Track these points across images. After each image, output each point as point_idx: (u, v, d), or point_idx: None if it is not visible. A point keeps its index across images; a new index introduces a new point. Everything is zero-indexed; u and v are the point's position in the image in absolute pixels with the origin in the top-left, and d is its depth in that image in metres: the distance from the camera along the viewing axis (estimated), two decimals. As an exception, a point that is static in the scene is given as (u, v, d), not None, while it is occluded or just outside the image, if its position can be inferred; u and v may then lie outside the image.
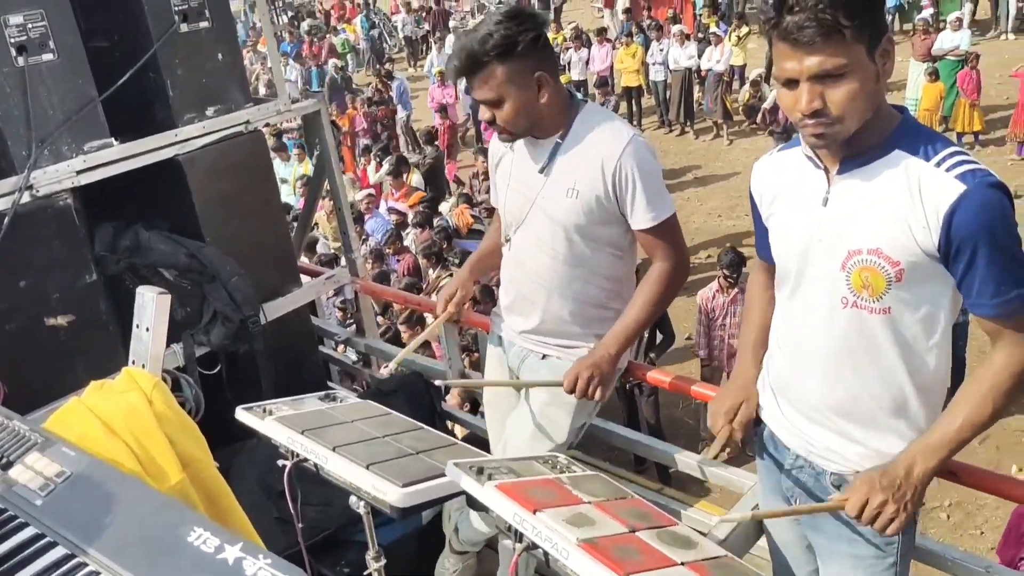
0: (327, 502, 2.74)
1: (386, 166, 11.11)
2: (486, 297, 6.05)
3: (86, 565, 1.31)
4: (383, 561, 2.19)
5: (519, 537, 1.70)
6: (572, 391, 2.35)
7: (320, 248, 8.82)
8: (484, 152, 10.69)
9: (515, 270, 2.54)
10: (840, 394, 1.77)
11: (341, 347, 4.51)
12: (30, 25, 2.64)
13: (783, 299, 1.88)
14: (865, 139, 1.64)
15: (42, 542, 1.36)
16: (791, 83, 1.59)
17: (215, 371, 3.02)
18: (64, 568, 1.31)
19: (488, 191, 3.04)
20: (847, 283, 1.68)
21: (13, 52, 2.61)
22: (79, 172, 2.78)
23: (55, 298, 2.77)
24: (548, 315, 2.48)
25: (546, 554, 1.64)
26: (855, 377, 1.75)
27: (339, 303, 7.40)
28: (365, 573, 2.19)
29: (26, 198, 2.66)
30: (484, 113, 2.32)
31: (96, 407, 1.61)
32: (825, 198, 1.71)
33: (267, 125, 3.31)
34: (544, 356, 2.54)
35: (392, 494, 1.89)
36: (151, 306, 1.73)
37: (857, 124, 1.59)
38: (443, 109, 13.66)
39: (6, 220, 2.61)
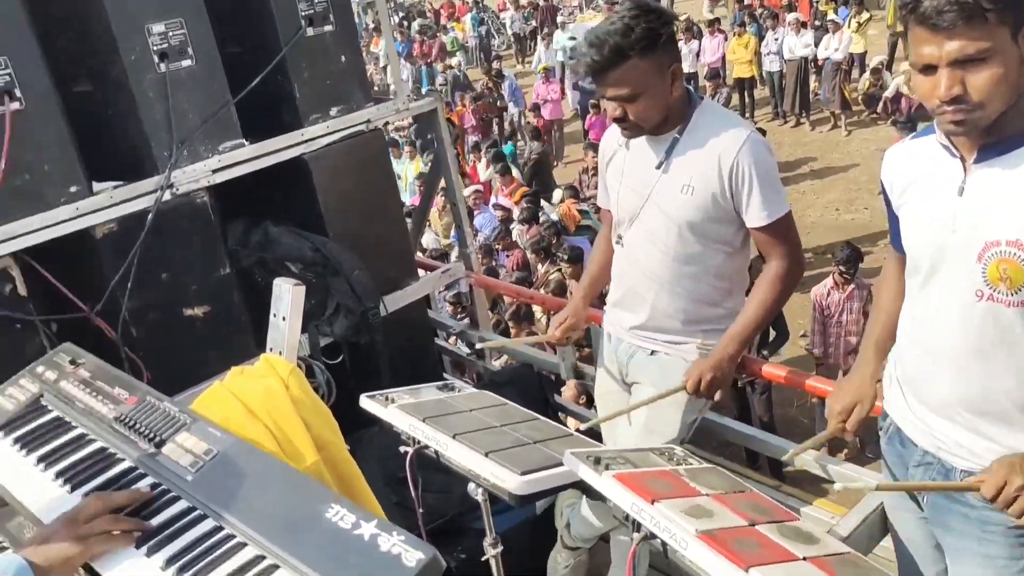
0: (445, 489, 2.81)
1: (495, 163, 11.25)
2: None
3: (233, 537, 1.40)
4: (500, 548, 2.24)
5: (636, 527, 1.72)
6: (695, 392, 2.36)
7: (429, 243, 9.00)
8: (593, 147, 10.70)
9: (626, 266, 2.55)
10: (973, 390, 1.72)
11: (452, 339, 4.61)
12: (171, 33, 2.81)
13: (914, 291, 1.83)
14: (1006, 126, 1.58)
15: (193, 514, 1.46)
16: (929, 69, 1.55)
17: (338, 361, 3.14)
18: (214, 539, 1.41)
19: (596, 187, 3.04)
20: (983, 276, 1.63)
21: (156, 59, 2.78)
22: (214, 171, 2.95)
23: (193, 290, 2.94)
24: (657, 311, 2.48)
25: (664, 545, 1.65)
26: (989, 372, 1.69)
27: (450, 297, 7.55)
28: (482, 559, 2.25)
29: (167, 196, 2.83)
30: (614, 110, 2.31)
31: (237, 391, 1.71)
32: (961, 187, 1.66)
33: (386, 124, 3.41)
34: (652, 352, 2.55)
35: (511, 481, 1.94)
36: (287, 296, 1.82)
37: (999, 110, 1.54)
38: (535, 108, 13.72)
39: (149, 217, 2.80)
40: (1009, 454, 1.66)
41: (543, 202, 10.06)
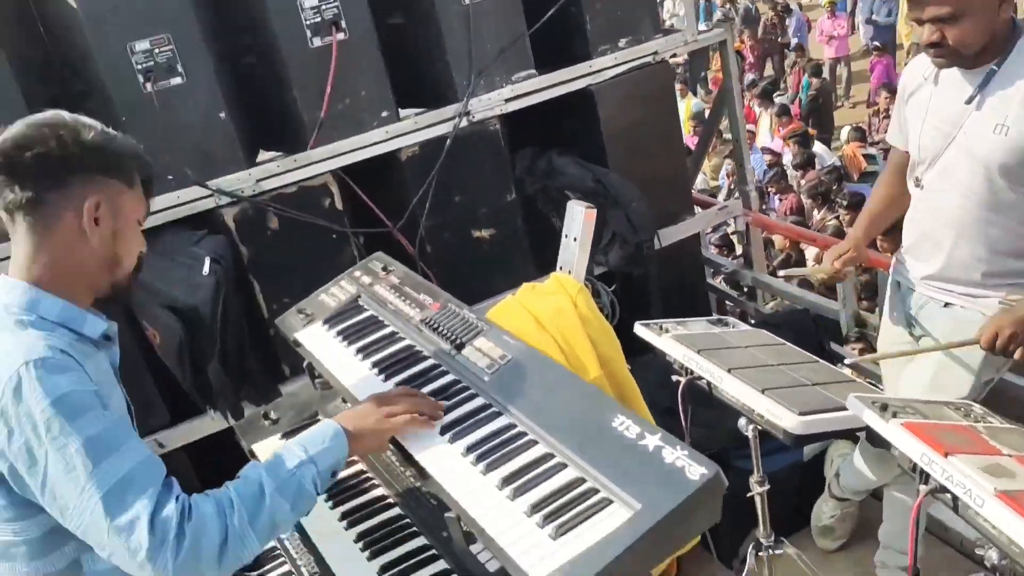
0: (711, 424, 2.82)
1: (762, 100, 10.73)
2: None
3: (525, 434, 1.52)
4: (767, 486, 2.23)
5: (924, 479, 1.63)
6: (990, 348, 2.17)
7: (697, 184, 8.83)
8: (888, 88, 9.87)
9: (922, 210, 2.36)
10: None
11: (718, 280, 4.55)
12: (475, -33, 2.95)
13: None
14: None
15: (489, 411, 1.60)
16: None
17: (610, 290, 3.22)
18: (508, 435, 1.53)
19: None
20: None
21: (462, -9, 2.94)
22: (507, 100, 3.10)
23: (482, 213, 3.13)
24: (954, 260, 2.29)
25: (955, 500, 1.56)
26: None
27: (716, 240, 7.40)
28: (747, 495, 2.25)
29: (464, 123, 3.02)
30: (931, 34, 2.13)
31: (529, 305, 1.83)
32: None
33: (672, 56, 3.38)
34: (946, 304, 2.36)
35: (788, 420, 1.91)
36: (579, 219, 1.90)
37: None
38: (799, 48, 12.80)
39: (448, 142, 3.00)
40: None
41: (820, 146, 9.48)
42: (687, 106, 11.90)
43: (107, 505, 1.36)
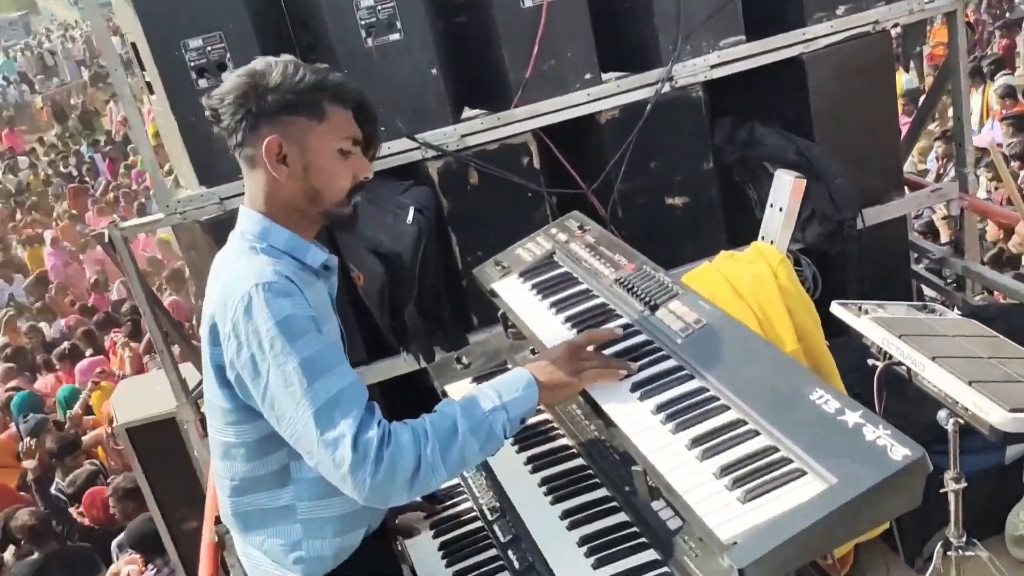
0: (903, 415, 2.69)
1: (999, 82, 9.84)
2: None
3: (717, 399, 1.52)
4: (963, 484, 2.12)
5: None
6: None
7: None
8: None
9: None
10: None
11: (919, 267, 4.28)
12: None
13: None
14: None
15: (680, 373, 1.61)
16: None
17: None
18: (699, 397, 1.54)
19: None
20: None
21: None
22: (712, 67, 3.03)
23: (676, 180, 3.10)
24: None
25: None
26: None
27: (919, 226, 6.94)
28: (940, 491, 2.14)
29: (666, 89, 2.99)
30: None
31: (727, 272, 1.81)
32: None
33: (895, 26, 3.19)
34: None
35: (996, 415, 1.80)
36: (788, 188, 1.86)
37: None
38: None
39: (648, 107, 2.99)
40: None
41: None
42: (898, 82, 11.16)
43: (317, 420, 1.49)
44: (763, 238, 1.91)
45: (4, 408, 7.03)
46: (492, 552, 1.89)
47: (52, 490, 5.59)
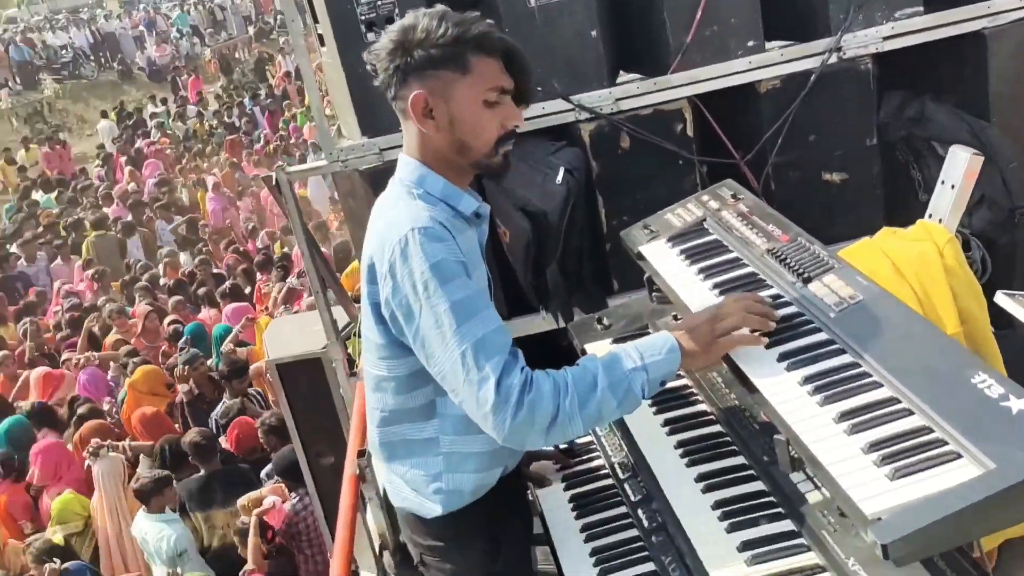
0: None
1: None
2: None
3: (869, 376, 1.48)
4: None
5: None
6: None
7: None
8: None
9: None
10: None
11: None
12: None
13: None
14: None
15: (832, 347, 1.58)
16: None
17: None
18: (849, 372, 1.51)
19: None
20: None
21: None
22: (885, 38, 2.89)
23: (836, 156, 2.99)
24: None
25: None
26: None
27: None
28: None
29: (833, 59, 2.88)
30: None
31: (888, 249, 1.75)
32: None
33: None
34: None
35: None
36: (962, 165, 1.78)
37: None
38: None
39: (812, 78, 2.88)
40: None
41: None
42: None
43: (463, 360, 1.56)
44: (930, 216, 1.83)
45: (172, 339, 7.58)
46: (622, 509, 1.92)
47: (212, 417, 6.00)
